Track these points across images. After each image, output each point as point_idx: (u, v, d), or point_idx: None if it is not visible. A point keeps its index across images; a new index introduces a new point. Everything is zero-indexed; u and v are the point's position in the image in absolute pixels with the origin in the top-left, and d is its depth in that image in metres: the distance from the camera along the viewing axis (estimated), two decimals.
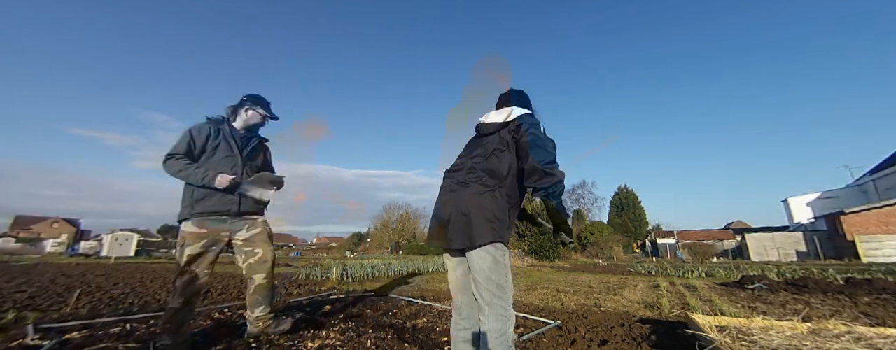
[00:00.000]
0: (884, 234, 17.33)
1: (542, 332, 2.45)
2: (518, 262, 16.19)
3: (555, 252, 24.39)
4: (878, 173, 23.71)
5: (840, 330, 1.96)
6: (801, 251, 21.21)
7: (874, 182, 24.02)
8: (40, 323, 2.56)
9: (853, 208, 19.21)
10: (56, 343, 2.09)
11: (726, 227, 43.48)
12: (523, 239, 25.84)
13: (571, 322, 2.79)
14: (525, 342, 2.23)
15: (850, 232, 18.21)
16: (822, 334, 1.92)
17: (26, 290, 4.53)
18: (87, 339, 2.20)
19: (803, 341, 1.78)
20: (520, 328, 2.59)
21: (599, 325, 2.71)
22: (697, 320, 2.19)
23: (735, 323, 2.19)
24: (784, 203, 30.00)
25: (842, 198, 25.83)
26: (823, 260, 17.90)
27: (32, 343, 2.09)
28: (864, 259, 16.21)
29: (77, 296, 3.91)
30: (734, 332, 2.00)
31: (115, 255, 22.56)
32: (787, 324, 2.11)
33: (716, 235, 36.00)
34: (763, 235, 23.22)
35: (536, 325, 2.68)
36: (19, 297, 3.91)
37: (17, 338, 2.16)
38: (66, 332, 2.35)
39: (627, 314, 3.23)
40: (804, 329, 2.00)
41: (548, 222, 1.54)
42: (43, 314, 2.97)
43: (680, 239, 35.03)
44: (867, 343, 1.77)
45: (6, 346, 2.03)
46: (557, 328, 2.59)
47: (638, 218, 38.92)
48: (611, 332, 2.46)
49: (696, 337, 1.93)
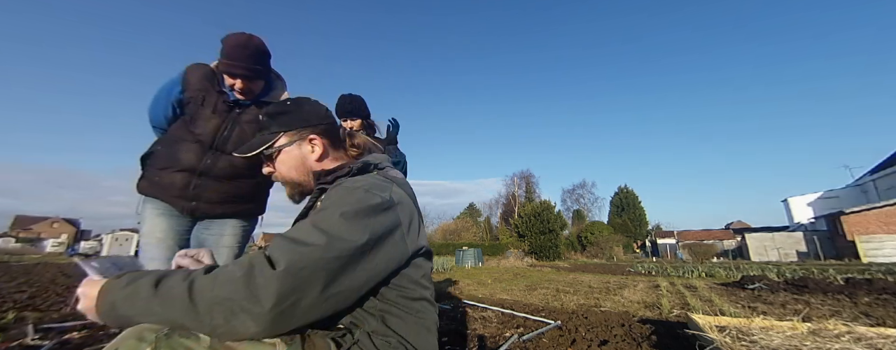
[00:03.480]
0: (884, 234, 17.33)
1: (542, 332, 2.45)
2: (518, 262, 16.20)
3: (555, 252, 24.44)
4: (878, 173, 23.70)
5: (840, 330, 1.95)
6: (802, 251, 21.21)
7: (874, 182, 24.02)
8: (40, 323, 2.56)
9: (853, 208, 19.20)
10: (56, 343, 2.09)
11: (726, 227, 43.48)
12: (523, 239, 25.88)
13: (571, 322, 2.79)
14: (525, 342, 2.22)
15: (851, 232, 18.20)
16: (822, 334, 1.91)
17: (26, 290, 4.54)
18: (87, 338, 2.20)
19: (803, 341, 1.78)
20: (520, 328, 2.60)
21: (599, 325, 2.70)
22: (697, 320, 2.19)
23: (735, 323, 2.19)
24: (784, 203, 30.02)
25: (842, 198, 25.84)
26: (823, 260, 17.90)
27: (32, 343, 2.09)
28: (864, 259, 16.21)
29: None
30: (734, 332, 1.99)
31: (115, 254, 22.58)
32: (787, 324, 2.11)
33: (716, 235, 35.99)
34: (763, 235, 23.24)
35: (536, 325, 2.68)
36: (19, 297, 3.91)
37: (17, 338, 2.16)
38: (66, 332, 2.35)
39: (627, 314, 3.23)
40: (804, 329, 2.00)
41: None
42: (43, 314, 2.97)
43: (680, 239, 35.04)
44: (867, 343, 1.76)
45: (6, 346, 2.03)
46: (557, 328, 2.58)
47: (638, 218, 38.95)
48: (611, 332, 2.46)
49: (696, 337, 1.93)
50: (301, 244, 0.65)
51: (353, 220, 0.70)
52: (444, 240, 32.85)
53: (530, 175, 43.40)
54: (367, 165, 0.91)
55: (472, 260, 13.28)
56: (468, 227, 37.59)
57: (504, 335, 2.39)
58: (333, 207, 0.72)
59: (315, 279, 0.63)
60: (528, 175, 43.37)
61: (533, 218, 25.68)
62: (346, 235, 0.68)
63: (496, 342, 2.25)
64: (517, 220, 28.30)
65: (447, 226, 38.22)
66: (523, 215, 27.17)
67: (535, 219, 25.52)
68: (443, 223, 40.34)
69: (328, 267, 0.65)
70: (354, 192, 0.76)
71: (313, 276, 0.63)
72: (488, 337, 2.37)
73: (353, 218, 0.70)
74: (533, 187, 42.66)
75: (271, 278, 0.60)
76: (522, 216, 27.27)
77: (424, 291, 0.84)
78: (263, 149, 0.92)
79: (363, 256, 0.69)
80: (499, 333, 2.46)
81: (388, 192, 0.79)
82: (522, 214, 27.68)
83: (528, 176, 43.32)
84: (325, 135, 0.96)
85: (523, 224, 26.26)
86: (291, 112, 0.95)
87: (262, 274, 0.61)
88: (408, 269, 0.80)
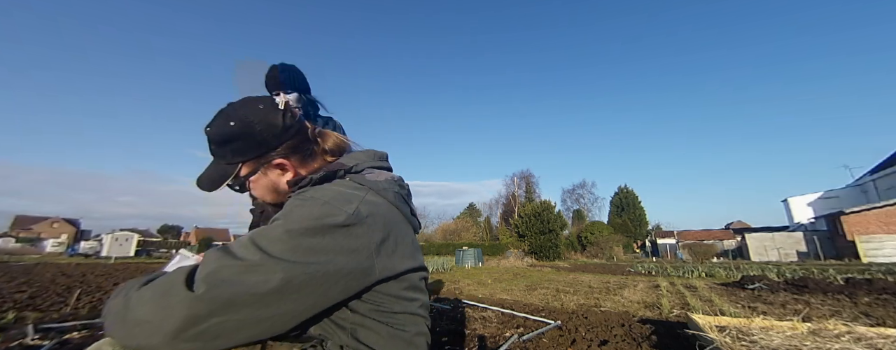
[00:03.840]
0: (884, 234, 17.33)
1: (542, 332, 2.45)
2: (518, 262, 16.20)
3: (555, 252, 24.43)
4: (878, 173, 23.70)
5: (840, 330, 1.95)
6: (802, 251, 21.21)
7: (874, 182, 24.02)
8: (40, 323, 2.56)
9: (853, 208, 19.20)
10: (56, 343, 2.09)
11: (726, 227, 43.48)
12: (523, 239, 25.88)
13: (571, 322, 2.79)
14: (525, 342, 2.23)
15: (851, 232, 18.20)
16: (822, 334, 1.92)
17: (26, 290, 4.54)
18: (88, 339, 2.21)
19: (803, 341, 1.78)
20: (520, 328, 2.60)
21: (599, 325, 2.70)
22: (697, 320, 2.19)
23: (735, 323, 2.19)
24: (784, 203, 30.02)
25: (842, 198, 25.84)
26: (823, 260, 17.90)
27: (32, 343, 2.09)
28: (864, 259, 16.21)
29: (77, 296, 3.91)
30: (734, 332, 1.99)
31: (115, 255, 22.59)
32: (787, 324, 2.11)
33: (716, 235, 35.98)
34: (763, 235, 23.23)
35: (536, 325, 2.68)
36: (19, 297, 3.91)
37: (17, 338, 2.16)
38: (66, 332, 2.35)
39: (627, 314, 3.23)
40: (804, 329, 2.00)
41: None
42: (43, 314, 2.98)
43: (680, 239, 35.03)
44: (867, 343, 1.77)
45: (6, 346, 2.03)
46: (558, 328, 2.59)
47: (638, 218, 38.95)
48: (611, 332, 2.46)
49: (696, 337, 1.93)
50: (231, 258, 0.57)
51: (299, 237, 0.60)
52: (444, 240, 32.86)
53: (530, 175, 43.40)
54: (332, 173, 0.77)
55: (472, 260, 13.28)
56: (468, 227, 37.57)
57: (504, 335, 2.39)
58: (279, 222, 0.63)
59: (236, 303, 0.54)
60: (528, 175, 43.38)
61: (533, 218, 25.67)
62: (285, 256, 0.58)
63: (496, 342, 2.25)
64: (517, 220, 28.29)
65: (447, 226, 38.20)
66: (523, 215, 27.16)
67: (535, 219, 25.51)
68: (443, 223, 40.35)
69: (254, 290, 0.55)
70: (309, 205, 0.65)
71: (235, 300, 0.54)
72: (488, 337, 2.37)
73: (299, 236, 0.60)
74: (533, 187, 42.66)
75: (183, 300, 0.53)
76: (522, 216, 27.25)
77: (409, 304, 0.74)
78: (227, 183, 0.81)
79: (307, 282, 0.59)
80: (499, 333, 2.46)
81: (354, 204, 0.67)
82: (522, 214, 27.67)
83: (528, 176, 43.34)
84: (292, 153, 0.82)
85: (523, 224, 26.24)
86: (242, 137, 0.77)
87: (177, 294, 0.54)
88: (384, 285, 0.70)
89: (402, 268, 0.72)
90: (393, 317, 0.72)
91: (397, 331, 0.72)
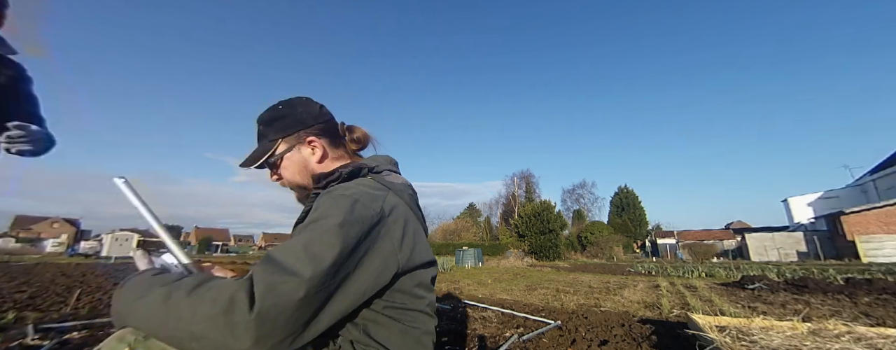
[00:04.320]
0: (884, 234, 17.33)
1: (542, 332, 2.44)
2: (518, 262, 16.19)
3: (555, 252, 24.43)
4: (878, 173, 23.70)
5: (840, 330, 1.95)
6: (802, 251, 21.22)
7: (874, 182, 24.02)
8: (40, 323, 2.56)
9: (853, 208, 19.20)
10: (56, 343, 2.09)
11: (726, 227, 43.49)
12: (523, 239, 25.87)
13: (571, 322, 2.79)
14: (525, 342, 2.22)
15: (851, 232, 18.20)
16: (822, 334, 1.91)
17: (26, 290, 4.53)
18: (88, 339, 2.20)
19: (803, 341, 1.78)
20: (520, 328, 2.60)
21: (599, 325, 2.70)
22: (697, 320, 2.19)
23: (735, 323, 2.19)
24: (784, 203, 30.02)
25: (842, 198, 25.84)
26: (823, 260, 17.89)
27: (32, 343, 2.09)
28: (864, 259, 16.21)
29: (77, 296, 3.90)
30: (734, 332, 1.99)
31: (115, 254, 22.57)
32: (787, 324, 2.11)
33: (716, 235, 36.00)
34: (763, 235, 23.24)
35: (536, 325, 2.67)
36: (19, 297, 3.91)
37: (17, 338, 2.16)
38: (66, 332, 2.35)
39: (627, 314, 3.23)
40: (804, 329, 2.00)
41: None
42: (43, 314, 2.97)
43: (680, 239, 35.05)
44: (867, 343, 1.76)
45: (6, 346, 2.03)
46: (557, 328, 2.58)
47: (638, 218, 38.97)
48: (611, 332, 2.46)
49: (696, 337, 1.93)
50: (286, 274, 0.59)
51: (339, 236, 0.64)
52: (444, 240, 32.86)
53: (530, 175, 43.42)
54: (358, 169, 0.85)
55: (472, 260, 13.28)
56: (468, 227, 37.58)
57: (504, 335, 2.39)
58: (321, 221, 0.66)
59: (297, 318, 0.58)
60: (528, 175, 43.40)
61: (533, 218, 25.67)
62: (332, 258, 0.62)
63: (496, 342, 2.25)
64: (517, 220, 28.28)
65: (447, 226, 38.21)
66: (523, 215, 27.16)
67: (535, 219, 25.51)
68: (443, 223, 40.35)
69: (310, 304, 0.59)
70: (341, 203, 0.69)
71: (295, 316, 0.58)
72: (488, 337, 2.37)
73: (338, 234, 0.64)
74: (533, 187, 42.67)
75: (250, 322, 0.54)
76: (522, 216, 27.25)
77: (418, 302, 0.78)
78: (266, 158, 0.90)
79: (347, 281, 0.64)
80: (499, 333, 2.45)
81: (379, 202, 0.73)
82: (522, 214, 27.66)
83: (528, 176, 43.35)
84: (322, 134, 0.93)
85: (523, 224, 26.25)
86: (286, 116, 0.91)
87: (241, 312, 0.55)
88: (399, 281, 0.74)
89: (418, 261, 0.76)
90: (404, 314, 0.76)
91: (408, 328, 0.75)
